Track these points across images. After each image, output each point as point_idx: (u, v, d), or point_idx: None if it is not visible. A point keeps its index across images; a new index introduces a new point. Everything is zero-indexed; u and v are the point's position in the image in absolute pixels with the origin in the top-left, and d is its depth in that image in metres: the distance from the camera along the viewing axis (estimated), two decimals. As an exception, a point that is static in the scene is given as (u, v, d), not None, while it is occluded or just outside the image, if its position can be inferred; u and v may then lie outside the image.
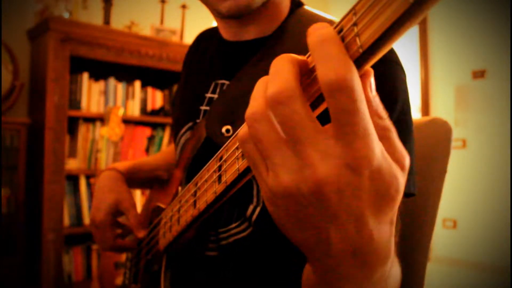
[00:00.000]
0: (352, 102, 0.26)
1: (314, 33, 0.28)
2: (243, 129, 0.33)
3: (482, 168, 3.31)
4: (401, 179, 0.29)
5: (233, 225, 0.65)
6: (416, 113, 3.50)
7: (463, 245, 3.36)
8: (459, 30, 3.42)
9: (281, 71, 0.29)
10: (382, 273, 0.33)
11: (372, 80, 0.30)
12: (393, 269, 0.37)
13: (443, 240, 3.42)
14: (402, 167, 0.30)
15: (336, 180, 0.27)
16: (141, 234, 0.75)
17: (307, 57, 0.31)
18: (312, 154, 0.28)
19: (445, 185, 0.78)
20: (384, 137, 0.30)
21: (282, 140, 0.29)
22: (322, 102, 0.31)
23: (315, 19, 0.67)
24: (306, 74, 0.31)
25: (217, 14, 0.67)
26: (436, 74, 3.58)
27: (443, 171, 0.78)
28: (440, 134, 0.79)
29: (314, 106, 0.31)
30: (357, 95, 0.26)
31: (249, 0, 0.62)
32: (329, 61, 0.26)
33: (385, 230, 0.30)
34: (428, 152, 0.78)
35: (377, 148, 0.27)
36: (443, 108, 3.51)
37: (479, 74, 3.36)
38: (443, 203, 0.78)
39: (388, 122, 0.32)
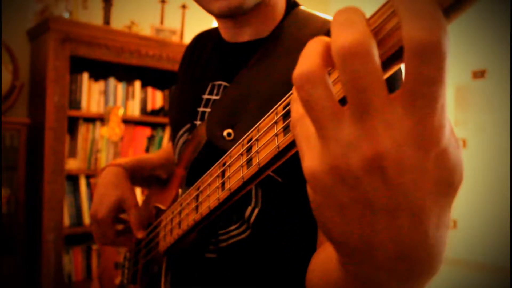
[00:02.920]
0: (439, 69, 0.21)
1: None
2: (295, 111, 0.28)
3: (482, 168, 3.31)
4: (463, 165, 0.25)
5: (232, 227, 0.65)
6: (416, 113, 3.50)
7: (463, 245, 3.36)
8: (459, 30, 3.41)
9: (356, 22, 0.23)
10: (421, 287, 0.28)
11: None
12: None
13: (443, 240, 3.42)
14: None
15: (399, 157, 0.22)
16: (140, 235, 0.75)
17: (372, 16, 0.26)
18: (376, 124, 0.23)
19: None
20: None
21: (338, 108, 0.24)
22: (388, 68, 0.26)
23: (312, 19, 0.67)
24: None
25: (211, 13, 0.66)
26: (436, 74, 3.58)
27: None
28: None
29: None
30: (446, 62, 0.22)
31: (241, 1, 0.61)
32: (422, 18, 0.21)
33: (441, 234, 0.26)
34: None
35: (448, 126, 0.23)
36: (443, 108, 3.51)
37: (479, 74, 3.36)
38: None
39: None
